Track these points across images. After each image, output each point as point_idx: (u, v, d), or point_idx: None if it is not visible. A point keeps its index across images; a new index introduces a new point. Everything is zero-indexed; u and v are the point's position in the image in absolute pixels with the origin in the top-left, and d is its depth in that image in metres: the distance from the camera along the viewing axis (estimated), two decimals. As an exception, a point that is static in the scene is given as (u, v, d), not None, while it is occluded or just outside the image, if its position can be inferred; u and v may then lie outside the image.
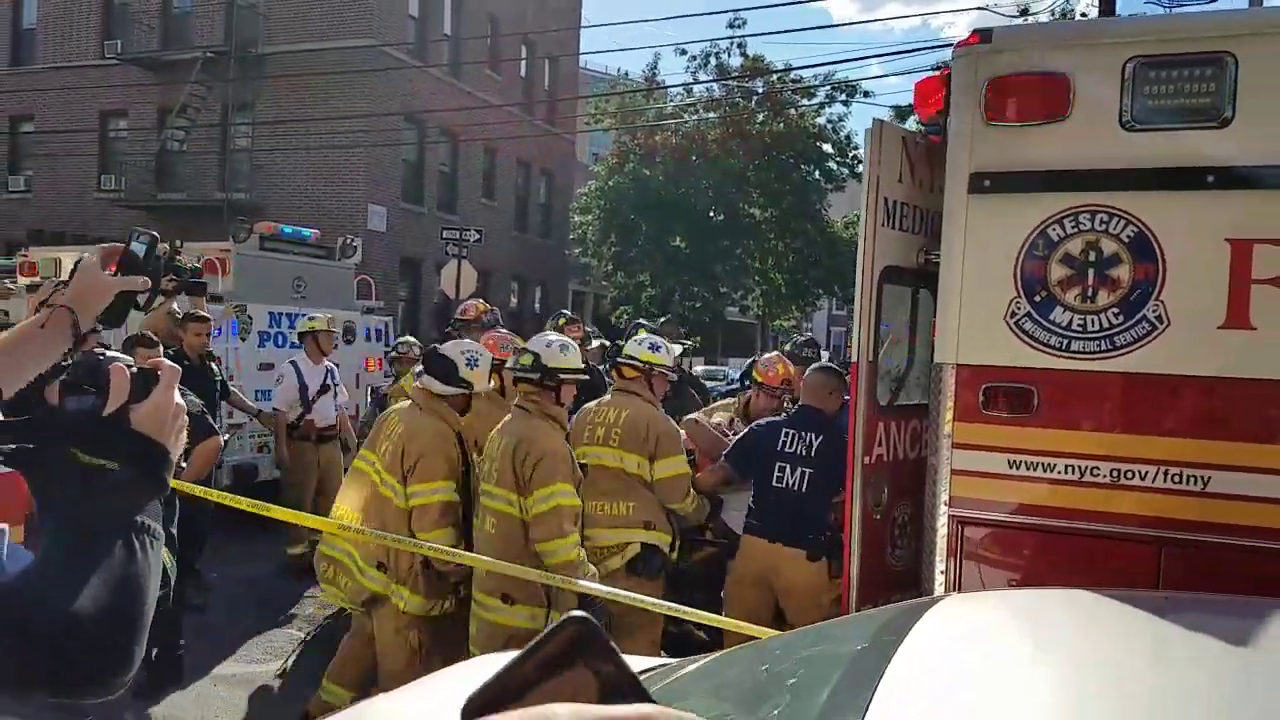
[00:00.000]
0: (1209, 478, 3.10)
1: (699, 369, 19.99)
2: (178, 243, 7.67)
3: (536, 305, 28.71)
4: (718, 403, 6.89)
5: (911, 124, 6.79)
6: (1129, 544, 3.19)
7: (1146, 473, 3.17)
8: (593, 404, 4.91)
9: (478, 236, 18.28)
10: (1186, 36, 3.19)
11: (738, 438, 4.96)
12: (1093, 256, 3.26)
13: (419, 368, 4.73)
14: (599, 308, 31.39)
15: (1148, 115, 3.20)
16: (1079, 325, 3.26)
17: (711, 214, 25.57)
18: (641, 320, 8.82)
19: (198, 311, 6.91)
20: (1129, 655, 1.60)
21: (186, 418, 1.20)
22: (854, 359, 3.63)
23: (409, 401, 4.67)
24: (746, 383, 6.42)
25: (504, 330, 7.14)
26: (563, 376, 4.31)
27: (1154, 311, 3.17)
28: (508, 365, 4.72)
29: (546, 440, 4.15)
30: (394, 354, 7.72)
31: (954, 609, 1.79)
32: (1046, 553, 3.32)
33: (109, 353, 1.18)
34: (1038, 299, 3.31)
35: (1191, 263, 3.14)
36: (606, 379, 5.96)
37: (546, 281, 30.71)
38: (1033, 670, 1.51)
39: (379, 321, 10.75)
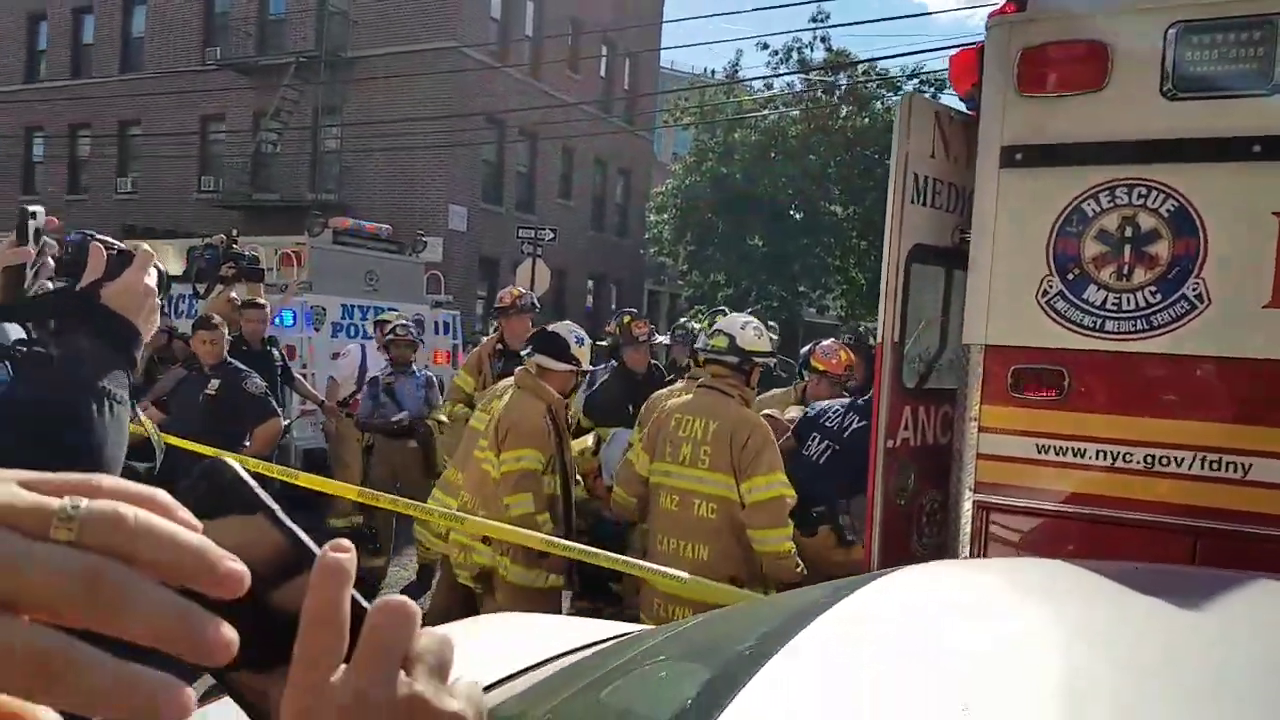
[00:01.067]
0: (1250, 465, 2.92)
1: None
2: (234, 232, 8.01)
3: (612, 304, 28.83)
4: (768, 394, 6.65)
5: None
6: (1163, 533, 3.02)
7: (1183, 459, 3.01)
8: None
9: (552, 236, 18.55)
10: (1232, -1, 3.01)
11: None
12: (1129, 232, 3.10)
13: (528, 348, 4.86)
14: (674, 307, 31.36)
15: (1190, 83, 3.03)
16: (1113, 304, 3.11)
17: (790, 211, 25.27)
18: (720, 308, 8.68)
19: (254, 299, 7.16)
20: (1071, 627, 1.51)
21: (158, 302, 1.25)
22: (879, 340, 3.54)
23: (512, 383, 4.74)
24: (804, 371, 6.28)
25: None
26: (756, 360, 4.29)
27: (1193, 290, 3.01)
28: (697, 346, 4.67)
29: (761, 427, 4.14)
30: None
31: (892, 583, 1.71)
32: (1076, 541, 3.17)
33: (97, 235, 1.24)
34: (1071, 277, 3.17)
35: (1235, 238, 2.97)
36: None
37: (622, 280, 30.85)
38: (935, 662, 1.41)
39: (447, 315, 10.96)
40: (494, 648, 2.42)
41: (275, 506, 0.51)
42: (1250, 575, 1.76)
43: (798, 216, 25.29)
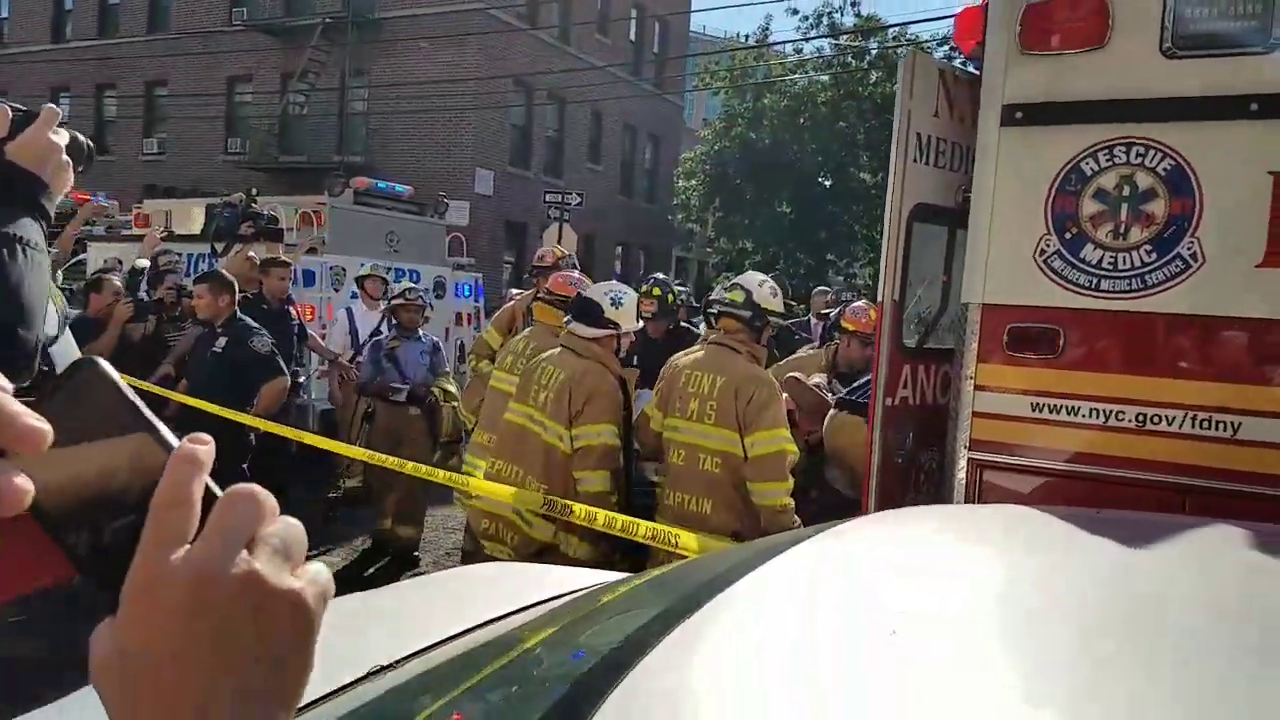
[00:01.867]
0: (1239, 424, 2.93)
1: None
2: (253, 191, 8.09)
3: (641, 270, 28.81)
4: (796, 356, 6.58)
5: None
6: (1153, 490, 3.05)
7: (1174, 418, 3.03)
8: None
9: (579, 200, 18.52)
10: (1236, -46, 2.97)
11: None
12: (1127, 191, 3.10)
13: (567, 316, 4.67)
14: (703, 273, 31.29)
15: (1190, 41, 3.01)
16: (1109, 263, 3.12)
17: (819, 178, 25.08)
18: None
19: (278, 257, 7.19)
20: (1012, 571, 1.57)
21: (66, 159, 1.30)
22: (879, 299, 3.57)
23: (558, 350, 4.55)
24: (835, 333, 6.24)
25: (577, 273, 7.24)
26: (769, 318, 4.32)
27: (1188, 249, 3.01)
28: (713, 297, 4.68)
29: (769, 384, 4.18)
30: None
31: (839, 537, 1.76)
32: (1067, 499, 3.20)
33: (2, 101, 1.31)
34: (1068, 236, 3.18)
35: (1230, 197, 2.96)
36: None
37: (650, 246, 30.81)
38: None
39: (469, 278, 11.04)
40: (483, 594, 2.50)
41: (142, 406, 0.54)
42: (1200, 521, 1.80)
43: (826, 183, 25.11)
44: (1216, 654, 1.23)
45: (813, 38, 24.65)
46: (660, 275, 6.96)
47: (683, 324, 6.50)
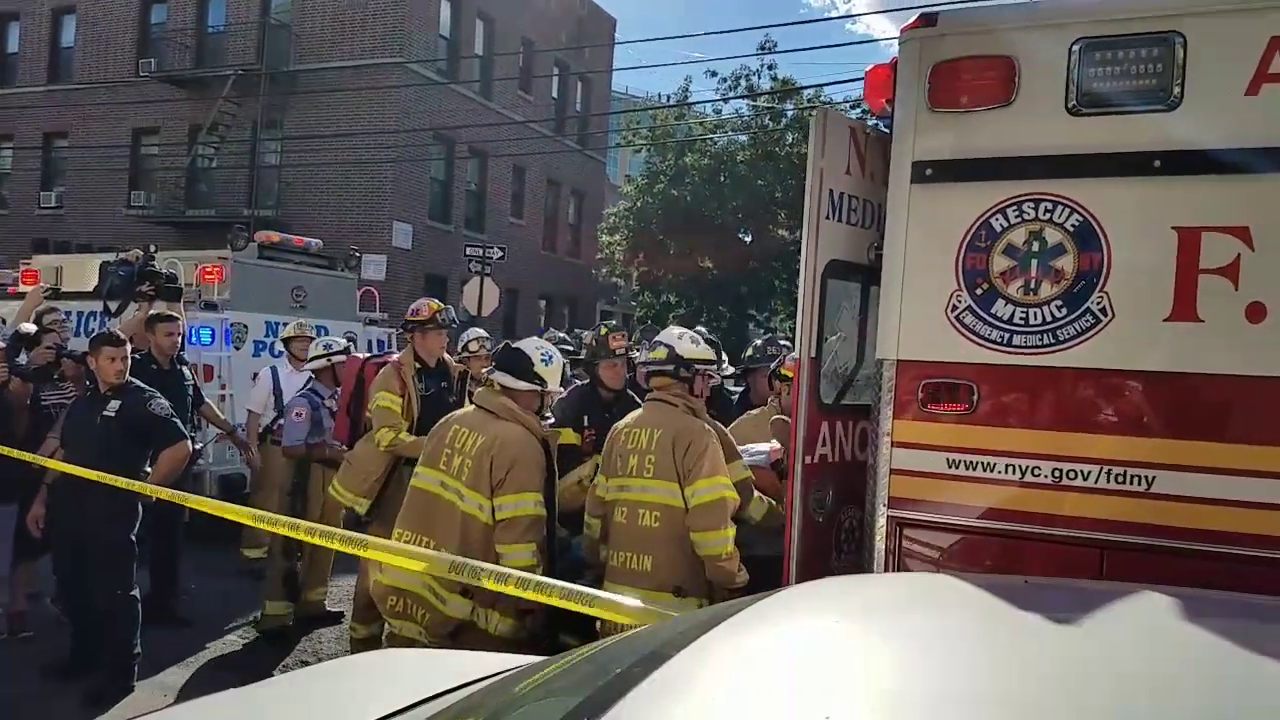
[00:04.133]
0: (1153, 477, 2.93)
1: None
2: (152, 248, 7.74)
3: (566, 324, 28.72)
4: (750, 414, 6.48)
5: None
6: (1071, 547, 3.02)
7: (1089, 472, 3.01)
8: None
9: (501, 254, 18.41)
10: (1134, 15, 3.03)
11: None
12: (1036, 247, 3.11)
13: (488, 368, 4.48)
14: (628, 327, 31.34)
15: (1094, 99, 3.06)
16: (1020, 318, 3.12)
17: (740, 234, 25.50)
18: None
19: (165, 312, 6.73)
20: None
21: None
22: (796, 356, 3.51)
23: (471, 409, 4.35)
24: (774, 382, 6.22)
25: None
26: (697, 367, 4.26)
27: (1098, 304, 3.02)
28: (639, 360, 4.54)
29: (705, 433, 4.10)
30: (464, 354, 7.03)
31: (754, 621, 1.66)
32: (986, 556, 3.16)
33: None
34: (979, 292, 3.17)
35: (1137, 252, 2.99)
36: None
37: (575, 300, 30.81)
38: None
39: (381, 333, 10.78)
40: (396, 681, 2.33)
41: None
42: (1124, 587, 1.74)
43: (747, 239, 25.51)
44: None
45: (731, 98, 25.23)
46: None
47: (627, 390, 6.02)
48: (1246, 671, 1.36)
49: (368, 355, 6.50)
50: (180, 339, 6.79)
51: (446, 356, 5.97)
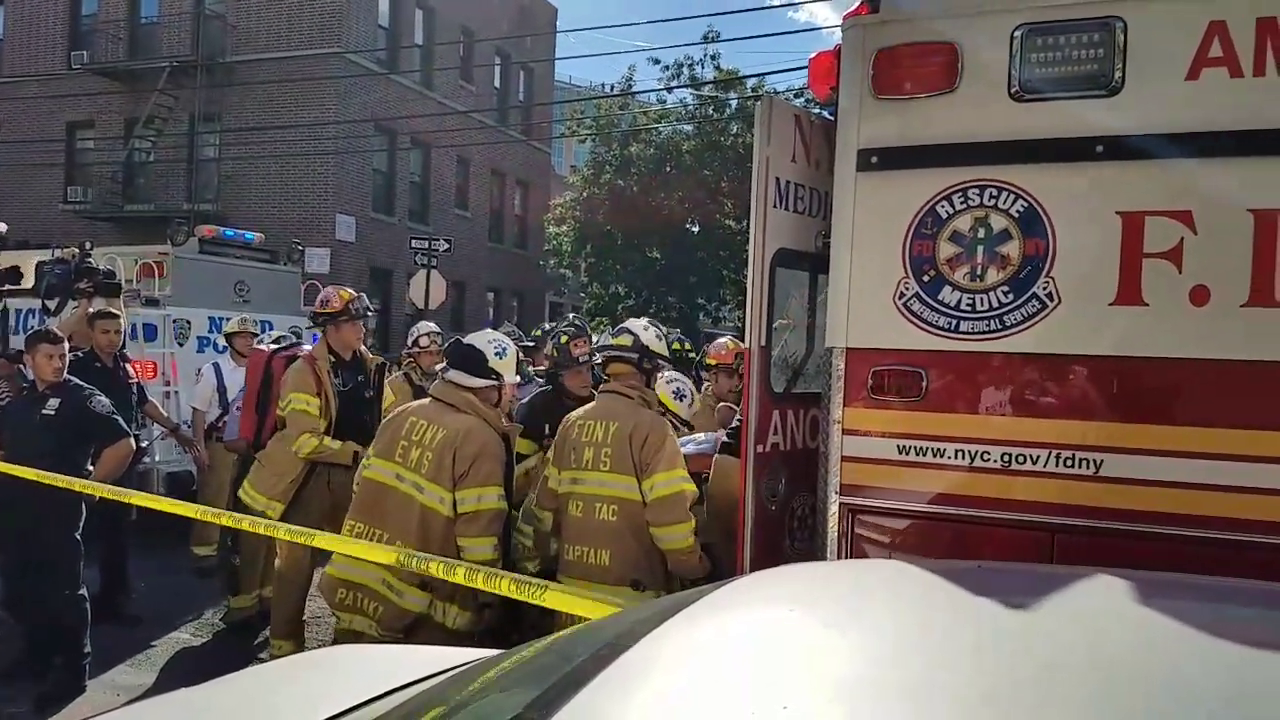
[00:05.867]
0: (1101, 461, 2.96)
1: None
2: (88, 244, 7.54)
3: (514, 316, 28.54)
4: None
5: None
6: (1022, 531, 3.04)
7: (1038, 457, 3.03)
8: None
9: (447, 246, 18.26)
10: (1075, 1, 3.05)
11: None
12: (981, 233, 3.12)
13: (441, 364, 4.35)
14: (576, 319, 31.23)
15: (1037, 85, 3.06)
16: (968, 305, 3.12)
17: (688, 225, 25.53)
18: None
19: (107, 309, 6.64)
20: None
21: None
22: (746, 344, 3.49)
23: (427, 401, 4.27)
24: (702, 373, 6.23)
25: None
26: (657, 360, 4.22)
27: (1044, 289, 3.03)
28: (599, 345, 4.37)
29: (662, 425, 4.06)
30: (414, 349, 6.93)
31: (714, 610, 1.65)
32: (938, 542, 3.17)
33: None
34: (926, 279, 3.17)
35: (1082, 237, 3.01)
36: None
37: (523, 292, 30.62)
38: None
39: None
40: (348, 678, 2.27)
41: None
42: (1074, 571, 1.74)
43: (694, 229, 25.55)
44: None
45: (674, 87, 25.23)
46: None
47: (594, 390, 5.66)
48: (1193, 651, 1.36)
49: (274, 348, 6.10)
50: (122, 336, 6.67)
51: (363, 349, 5.70)
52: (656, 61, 41.41)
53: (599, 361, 4.29)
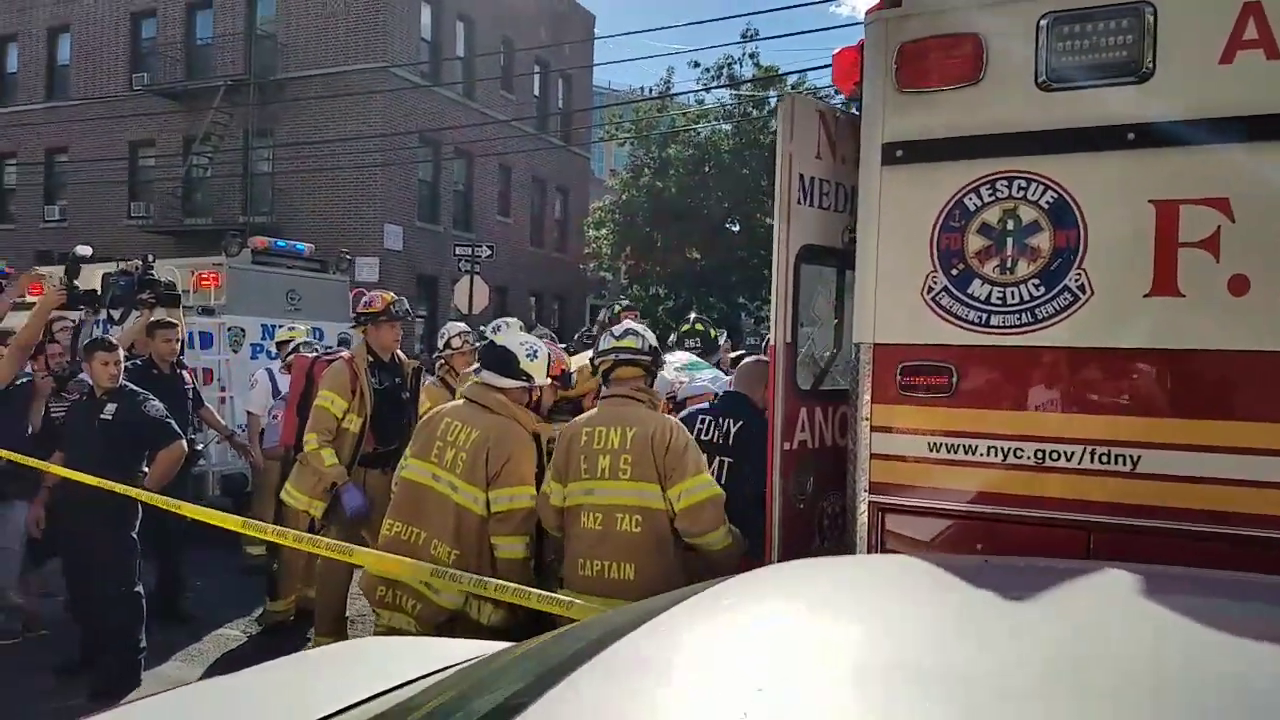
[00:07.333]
0: (1138, 457, 2.88)
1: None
2: (150, 257, 7.76)
3: (555, 319, 28.70)
4: None
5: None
6: (1056, 529, 2.97)
7: (1073, 453, 2.96)
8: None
9: (490, 252, 18.45)
10: (1102, -13, 2.98)
11: None
12: (1010, 225, 3.06)
13: (475, 365, 4.37)
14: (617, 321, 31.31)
15: (1064, 73, 3.00)
16: (998, 298, 3.07)
17: (727, 224, 25.44)
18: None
19: (164, 319, 6.87)
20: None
21: None
22: (772, 341, 3.46)
23: (461, 402, 4.28)
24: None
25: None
26: (660, 363, 4.16)
27: (1076, 281, 2.97)
28: (604, 349, 4.10)
29: (679, 428, 3.86)
30: (446, 351, 6.69)
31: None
32: (971, 540, 3.11)
33: None
34: (955, 273, 3.12)
35: (1114, 228, 2.93)
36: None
37: (564, 296, 30.80)
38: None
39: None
40: (370, 670, 2.31)
41: None
42: (1088, 565, 1.70)
43: (734, 229, 25.45)
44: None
45: (713, 87, 25.16)
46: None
47: None
48: (1213, 646, 1.33)
49: (316, 353, 6.33)
50: (180, 344, 6.93)
51: (400, 353, 5.81)
52: (696, 64, 41.44)
53: (608, 350, 4.04)
